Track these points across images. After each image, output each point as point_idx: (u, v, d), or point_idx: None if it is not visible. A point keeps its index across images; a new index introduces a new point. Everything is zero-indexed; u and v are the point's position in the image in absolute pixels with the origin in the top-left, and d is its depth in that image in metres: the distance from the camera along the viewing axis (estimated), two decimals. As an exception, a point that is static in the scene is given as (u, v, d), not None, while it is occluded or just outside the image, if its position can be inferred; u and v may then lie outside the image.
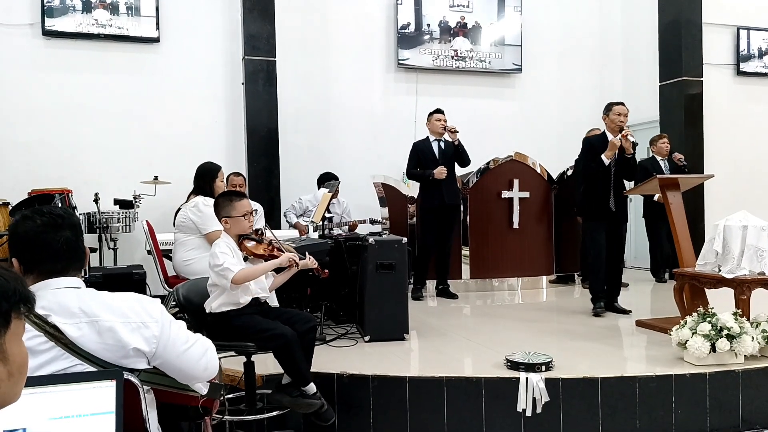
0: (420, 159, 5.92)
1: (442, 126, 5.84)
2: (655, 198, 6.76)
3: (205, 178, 4.40)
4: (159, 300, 1.75)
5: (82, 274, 1.72)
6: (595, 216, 5.12)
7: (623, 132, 4.96)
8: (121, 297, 1.67)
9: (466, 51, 7.99)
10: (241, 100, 7.11)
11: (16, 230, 1.66)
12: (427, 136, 6.00)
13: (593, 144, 5.16)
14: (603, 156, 4.96)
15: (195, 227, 4.26)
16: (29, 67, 6.54)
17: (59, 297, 1.60)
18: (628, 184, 5.82)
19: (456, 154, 5.84)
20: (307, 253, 3.37)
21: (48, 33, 6.54)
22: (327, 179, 6.69)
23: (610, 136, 5.04)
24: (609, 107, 5.15)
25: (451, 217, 6.01)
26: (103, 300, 1.63)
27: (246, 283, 3.02)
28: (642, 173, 6.54)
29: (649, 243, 7.10)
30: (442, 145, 5.90)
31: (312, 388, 3.04)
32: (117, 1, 6.72)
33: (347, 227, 6.32)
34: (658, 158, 6.79)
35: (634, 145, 4.98)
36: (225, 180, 6.10)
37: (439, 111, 5.97)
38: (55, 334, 1.54)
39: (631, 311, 5.04)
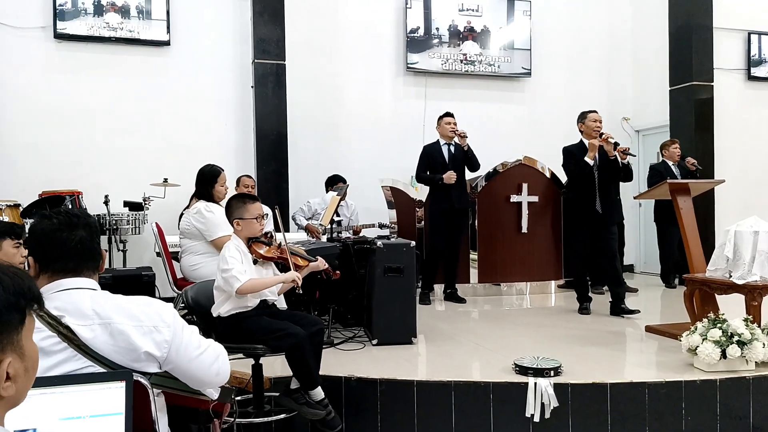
0: (430, 163, 5.92)
1: (452, 129, 5.84)
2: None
3: (205, 182, 4.33)
4: (171, 304, 1.75)
5: (97, 275, 1.74)
6: (580, 220, 5.32)
7: (603, 136, 5.15)
8: (135, 300, 1.67)
9: (475, 55, 7.98)
10: (250, 103, 7.14)
11: (34, 229, 1.70)
12: (438, 140, 6.00)
13: (572, 152, 5.37)
14: (586, 158, 5.15)
15: (199, 233, 4.24)
16: (41, 70, 6.59)
17: (73, 298, 1.61)
18: (626, 188, 5.85)
19: (465, 158, 5.84)
20: (319, 257, 3.37)
21: (60, 36, 6.59)
22: (334, 182, 6.70)
23: (587, 143, 5.26)
24: (583, 115, 5.36)
25: (460, 221, 6.00)
26: (116, 303, 1.64)
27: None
28: (654, 178, 6.51)
29: (659, 248, 7.05)
30: (452, 148, 5.89)
31: (319, 393, 3.03)
32: (128, 4, 6.77)
33: (352, 231, 6.32)
34: (670, 163, 6.75)
35: (616, 145, 5.12)
36: (236, 182, 6.13)
37: (449, 114, 5.96)
38: (68, 335, 1.55)
39: (638, 311, 5.03)
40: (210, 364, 1.73)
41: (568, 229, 6.70)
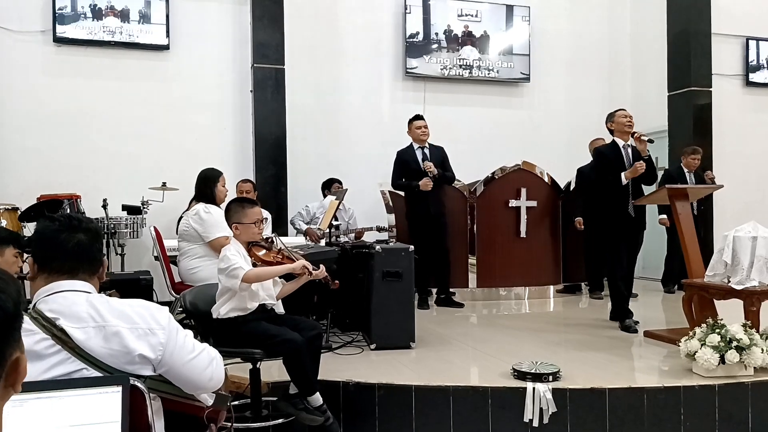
0: (405, 169, 5.85)
1: (421, 133, 5.79)
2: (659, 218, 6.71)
3: (206, 184, 4.38)
4: (167, 308, 1.75)
5: (97, 281, 1.74)
6: (613, 226, 4.88)
7: (635, 135, 4.83)
8: (130, 303, 1.68)
9: (474, 60, 7.99)
10: (249, 107, 7.14)
11: (37, 230, 1.75)
12: (411, 144, 5.94)
13: (604, 153, 5.01)
14: (623, 175, 4.77)
15: (198, 235, 4.25)
16: (40, 74, 6.60)
17: (69, 300, 1.61)
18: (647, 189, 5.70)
19: (441, 179, 5.76)
20: (321, 265, 3.37)
21: (59, 40, 6.59)
22: (330, 184, 6.70)
23: (620, 142, 4.93)
24: (611, 114, 5.04)
25: (439, 226, 5.87)
26: (111, 305, 1.64)
27: (255, 286, 3.02)
28: (666, 182, 6.42)
29: (667, 252, 7.02)
30: (427, 152, 5.86)
31: (318, 399, 3.03)
32: (128, 8, 6.77)
33: (353, 235, 6.31)
34: (686, 170, 6.70)
35: (650, 141, 4.83)
36: (236, 187, 6.14)
37: (418, 117, 5.91)
38: (62, 337, 1.55)
39: (638, 322, 5.00)
40: (203, 369, 1.73)
41: (567, 234, 6.71)
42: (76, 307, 1.60)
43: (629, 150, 4.93)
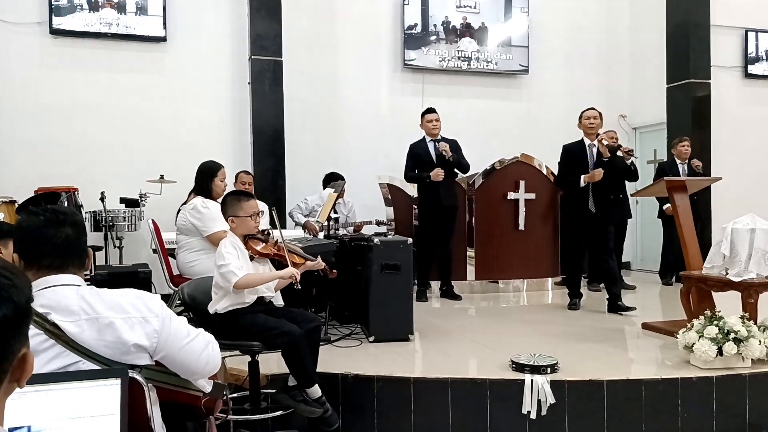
0: (417, 161, 5.88)
1: (433, 126, 5.81)
2: (664, 208, 6.76)
3: (204, 177, 4.36)
4: (159, 296, 1.75)
5: (84, 273, 1.73)
6: (575, 219, 5.35)
7: (599, 137, 5.20)
8: (121, 293, 1.67)
9: (472, 52, 7.97)
10: (247, 99, 7.11)
11: (21, 225, 1.71)
12: (424, 137, 5.95)
13: (570, 150, 5.37)
14: (582, 178, 5.19)
15: (195, 229, 4.25)
16: (37, 66, 6.57)
17: (59, 294, 1.60)
18: (630, 186, 5.82)
19: (455, 165, 5.78)
20: (319, 256, 3.37)
21: (56, 31, 6.56)
22: (333, 179, 6.67)
23: (587, 141, 5.30)
24: (581, 114, 5.39)
25: (449, 218, 5.92)
26: (102, 297, 1.64)
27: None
28: (659, 175, 6.48)
29: (663, 244, 7.04)
30: (438, 145, 5.86)
31: (316, 391, 3.03)
32: (124, 0, 6.74)
33: (352, 228, 6.31)
34: (678, 161, 6.71)
35: (613, 148, 5.15)
36: (235, 178, 6.13)
37: (430, 111, 5.91)
38: (54, 331, 1.54)
39: (635, 308, 5.03)
40: (199, 353, 1.73)
41: (564, 226, 6.71)
42: (66, 301, 1.59)
43: (594, 150, 5.23)
